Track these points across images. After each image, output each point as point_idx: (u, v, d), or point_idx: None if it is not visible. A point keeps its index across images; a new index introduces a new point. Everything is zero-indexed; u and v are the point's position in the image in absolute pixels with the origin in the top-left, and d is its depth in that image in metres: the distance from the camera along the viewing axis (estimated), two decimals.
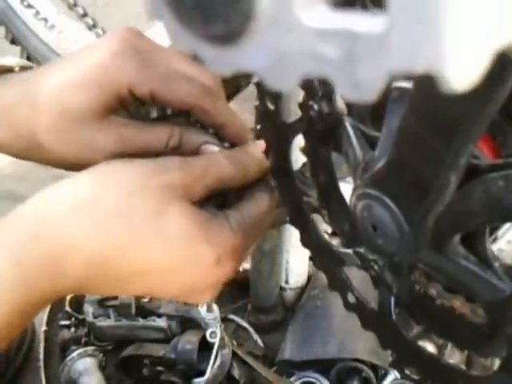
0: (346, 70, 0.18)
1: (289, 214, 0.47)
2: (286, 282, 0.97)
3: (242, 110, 1.16)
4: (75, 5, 0.98)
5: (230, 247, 0.43)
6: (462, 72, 0.17)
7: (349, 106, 0.40)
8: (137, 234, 0.41)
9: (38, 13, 0.97)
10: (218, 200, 0.46)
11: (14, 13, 1.00)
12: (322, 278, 0.98)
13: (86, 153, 0.47)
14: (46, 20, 0.97)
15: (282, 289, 0.98)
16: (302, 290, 0.98)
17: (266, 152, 0.47)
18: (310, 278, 0.99)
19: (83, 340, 0.98)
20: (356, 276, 0.49)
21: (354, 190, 0.38)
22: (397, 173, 0.35)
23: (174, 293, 0.45)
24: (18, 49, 1.13)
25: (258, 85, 0.44)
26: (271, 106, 0.44)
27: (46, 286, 0.40)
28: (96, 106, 0.46)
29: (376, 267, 0.43)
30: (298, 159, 0.47)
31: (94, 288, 0.43)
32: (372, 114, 0.39)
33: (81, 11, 0.98)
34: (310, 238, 0.47)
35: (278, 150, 0.46)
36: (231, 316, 1.01)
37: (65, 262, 0.40)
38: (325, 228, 0.51)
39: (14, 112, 0.48)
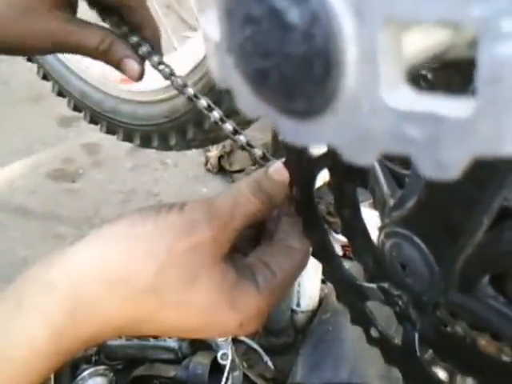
0: (429, 150, 0.19)
1: (312, 248, 0.47)
2: (298, 305, 0.97)
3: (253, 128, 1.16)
4: None
5: (254, 312, 0.44)
6: None
7: None
8: (166, 306, 0.42)
9: None
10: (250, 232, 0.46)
11: None
12: (334, 302, 0.98)
13: (28, 39, 0.58)
14: None
15: (293, 311, 0.98)
16: (314, 313, 0.98)
17: (291, 185, 0.47)
18: (321, 301, 0.99)
19: (94, 359, 0.98)
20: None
21: (382, 227, 0.38)
22: (427, 213, 0.35)
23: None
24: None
25: None
26: None
27: (79, 349, 0.42)
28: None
29: (400, 303, 0.43)
30: None
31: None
32: None
33: None
34: (333, 272, 0.47)
35: (303, 184, 0.46)
36: (242, 338, 1.00)
37: (98, 333, 0.42)
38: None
39: None
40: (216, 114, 0.56)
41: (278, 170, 0.46)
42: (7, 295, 0.41)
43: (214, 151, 1.72)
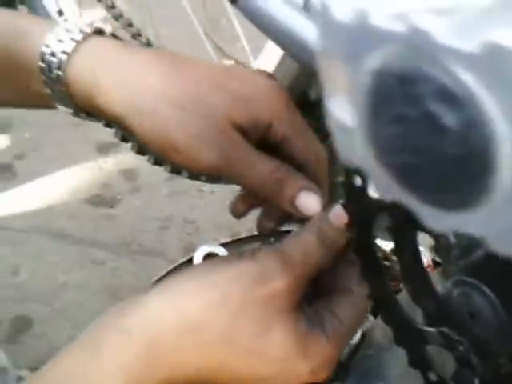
0: None
1: (371, 291, 0.47)
2: None
3: None
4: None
5: (325, 359, 0.45)
6: None
7: None
8: (239, 355, 0.43)
9: None
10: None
11: None
12: (377, 337, 0.97)
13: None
14: None
15: None
16: (356, 347, 0.97)
17: (349, 226, 0.47)
18: (363, 335, 0.98)
19: None
20: None
21: (448, 275, 0.38)
22: (497, 263, 0.35)
23: None
24: None
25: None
26: (358, 182, 0.44)
27: None
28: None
29: (461, 348, 0.42)
30: None
31: None
32: None
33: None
34: (392, 316, 0.47)
35: (362, 226, 0.46)
36: None
37: (174, 379, 0.42)
38: None
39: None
40: None
41: (337, 215, 0.47)
42: (83, 344, 0.42)
43: None
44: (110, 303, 1.43)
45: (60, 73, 0.50)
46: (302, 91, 0.62)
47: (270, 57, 0.67)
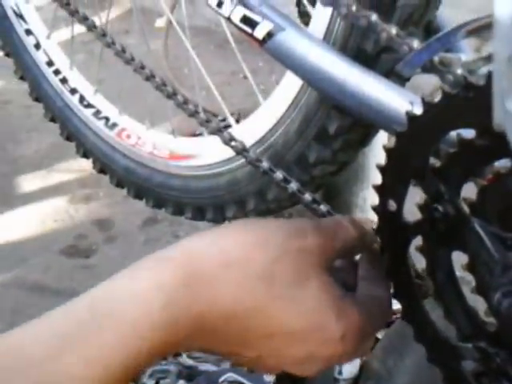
0: None
1: (403, 312, 0.49)
2: (340, 373, 0.97)
3: None
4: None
5: (357, 326, 0.45)
6: None
7: (474, 207, 0.43)
8: (275, 298, 0.43)
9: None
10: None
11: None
12: (375, 367, 0.98)
13: None
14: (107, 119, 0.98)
15: (335, 380, 0.98)
16: (355, 380, 0.98)
17: (382, 251, 0.49)
18: (361, 367, 0.99)
19: None
20: None
21: (496, 288, 0.40)
22: None
23: (292, 358, 0.45)
24: None
25: (379, 187, 0.47)
26: (392, 207, 0.46)
27: (185, 333, 0.41)
28: None
29: (498, 360, 0.45)
30: None
31: (217, 343, 0.44)
32: (499, 214, 0.42)
33: None
34: (425, 335, 0.49)
35: (396, 250, 0.48)
36: None
37: (208, 314, 0.42)
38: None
39: None
40: (293, 185, 0.59)
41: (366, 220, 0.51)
42: (121, 273, 0.42)
43: None
44: None
45: None
46: (321, 124, 0.64)
47: (286, 91, 0.69)
